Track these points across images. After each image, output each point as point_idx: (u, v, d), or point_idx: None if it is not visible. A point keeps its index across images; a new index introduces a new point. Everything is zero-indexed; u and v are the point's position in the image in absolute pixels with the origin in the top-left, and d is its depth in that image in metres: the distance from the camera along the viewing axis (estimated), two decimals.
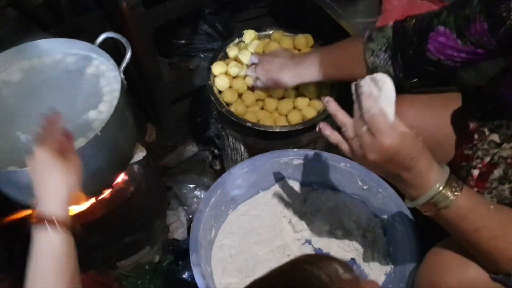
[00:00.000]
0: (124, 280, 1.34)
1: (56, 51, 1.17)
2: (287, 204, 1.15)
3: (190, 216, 1.46)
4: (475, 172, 0.89)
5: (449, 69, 0.90)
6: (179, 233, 1.44)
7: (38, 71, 1.15)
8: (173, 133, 1.70)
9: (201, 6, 1.57)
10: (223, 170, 1.57)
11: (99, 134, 0.98)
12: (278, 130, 1.20)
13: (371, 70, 0.97)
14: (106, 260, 1.35)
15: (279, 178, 1.15)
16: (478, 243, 0.72)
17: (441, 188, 0.69)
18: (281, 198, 1.15)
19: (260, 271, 1.01)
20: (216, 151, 1.62)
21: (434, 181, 0.70)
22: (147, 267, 1.39)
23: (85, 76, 1.14)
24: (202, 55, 1.66)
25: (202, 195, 1.47)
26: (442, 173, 0.71)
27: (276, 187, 1.15)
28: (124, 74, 1.13)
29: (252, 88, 1.31)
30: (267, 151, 1.20)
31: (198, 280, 0.89)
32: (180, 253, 1.36)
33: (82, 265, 1.28)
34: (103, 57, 1.13)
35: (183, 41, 1.62)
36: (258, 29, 1.41)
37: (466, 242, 0.74)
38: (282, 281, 0.46)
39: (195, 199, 1.47)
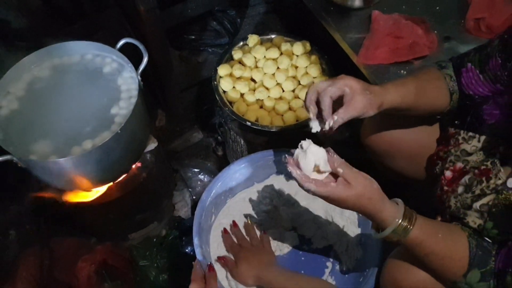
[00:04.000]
0: (134, 250, 1.53)
1: (83, 51, 1.32)
2: (278, 195, 1.33)
3: (194, 197, 1.64)
4: (448, 174, 1.05)
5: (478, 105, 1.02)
6: (183, 212, 1.64)
7: (66, 68, 1.31)
8: (181, 119, 1.86)
9: (211, 8, 1.71)
10: (225, 156, 1.75)
11: (119, 131, 1.15)
12: (274, 130, 1.37)
13: (452, 94, 1.02)
14: (119, 233, 1.54)
15: (272, 172, 1.33)
16: (429, 263, 0.90)
17: (400, 221, 0.86)
18: (273, 189, 1.33)
19: None
20: (219, 138, 1.79)
21: (394, 215, 0.86)
22: (154, 240, 1.58)
23: (106, 75, 1.30)
24: (210, 50, 1.80)
25: (205, 179, 1.66)
26: (397, 210, 0.87)
27: (270, 180, 1.33)
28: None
29: (253, 89, 1.47)
30: (264, 146, 1.38)
31: (200, 259, 1.08)
32: (184, 229, 1.55)
33: (99, 237, 1.48)
34: (122, 60, 1.29)
35: (193, 37, 1.77)
36: (259, 31, 1.56)
37: (420, 261, 0.92)
38: None
39: (199, 182, 1.66)
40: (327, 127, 0.93)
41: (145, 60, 1.28)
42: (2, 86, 1.23)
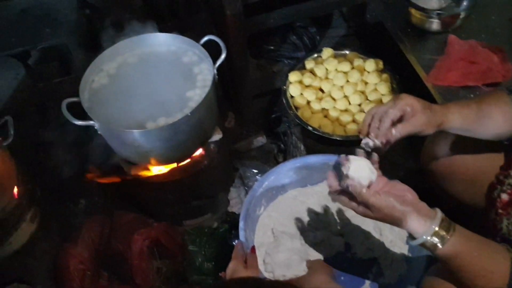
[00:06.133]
0: (186, 235, 1.62)
1: (170, 43, 1.46)
2: (330, 200, 1.34)
3: None
4: (504, 196, 1.03)
5: None
6: (237, 208, 1.70)
7: (152, 57, 1.45)
8: (249, 124, 1.94)
9: (294, 20, 1.81)
10: None
11: (189, 114, 1.25)
12: (335, 138, 1.41)
13: None
14: (176, 218, 1.64)
15: (326, 177, 1.35)
16: (463, 279, 0.88)
17: (436, 228, 0.85)
18: (325, 193, 1.35)
19: (292, 245, 1.22)
20: (282, 145, 1.85)
21: (429, 225, 0.85)
22: (206, 230, 1.66)
23: (186, 64, 1.42)
24: (286, 61, 1.89)
25: None
26: (434, 218, 0.86)
27: (323, 184, 1.36)
28: (217, 70, 1.39)
29: (319, 98, 1.52)
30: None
31: (242, 241, 1.14)
32: (235, 224, 1.60)
33: (158, 216, 1.58)
34: (203, 54, 1.40)
35: (272, 47, 1.87)
36: (335, 48, 1.62)
37: (454, 277, 0.90)
38: None
39: (256, 183, 1.72)
40: (383, 140, 0.94)
41: (223, 55, 1.38)
42: (97, 63, 1.40)
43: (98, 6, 1.73)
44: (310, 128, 1.41)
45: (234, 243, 1.56)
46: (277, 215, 1.30)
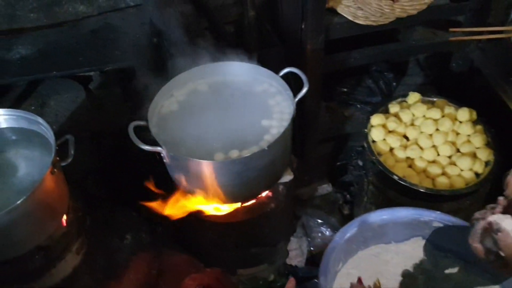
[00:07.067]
0: (240, 285, 1.45)
1: (243, 73, 1.36)
2: (417, 261, 1.16)
3: (312, 248, 1.53)
4: None
5: None
6: (297, 261, 1.52)
7: (224, 85, 1.35)
8: (312, 169, 1.80)
9: (374, 61, 1.69)
10: (351, 216, 1.63)
11: (266, 148, 1.12)
12: (423, 190, 1.24)
13: None
14: (230, 263, 1.47)
15: (415, 235, 1.17)
16: None
17: None
18: (412, 254, 1.17)
19: None
20: (348, 196, 1.68)
21: None
22: (261, 282, 1.49)
23: (259, 95, 1.31)
24: (359, 106, 1.76)
25: (327, 233, 1.54)
26: None
27: (410, 242, 1.17)
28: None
29: (404, 146, 1.37)
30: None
31: None
32: (295, 279, 1.42)
33: (210, 260, 1.43)
34: (282, 86, 1.29)
35: (345, 89, 1.75)
36: (422, 94, 1.48)
37: None
38: None
39: (319, 234, 1.55)
40: None
41: (304, 89, 1.27)
42: (168, 88, 1.31)
43: (169, 33, 1.67)
44: (395, 177, 1.24)
45: None
46: (357, 273, 1.12)
